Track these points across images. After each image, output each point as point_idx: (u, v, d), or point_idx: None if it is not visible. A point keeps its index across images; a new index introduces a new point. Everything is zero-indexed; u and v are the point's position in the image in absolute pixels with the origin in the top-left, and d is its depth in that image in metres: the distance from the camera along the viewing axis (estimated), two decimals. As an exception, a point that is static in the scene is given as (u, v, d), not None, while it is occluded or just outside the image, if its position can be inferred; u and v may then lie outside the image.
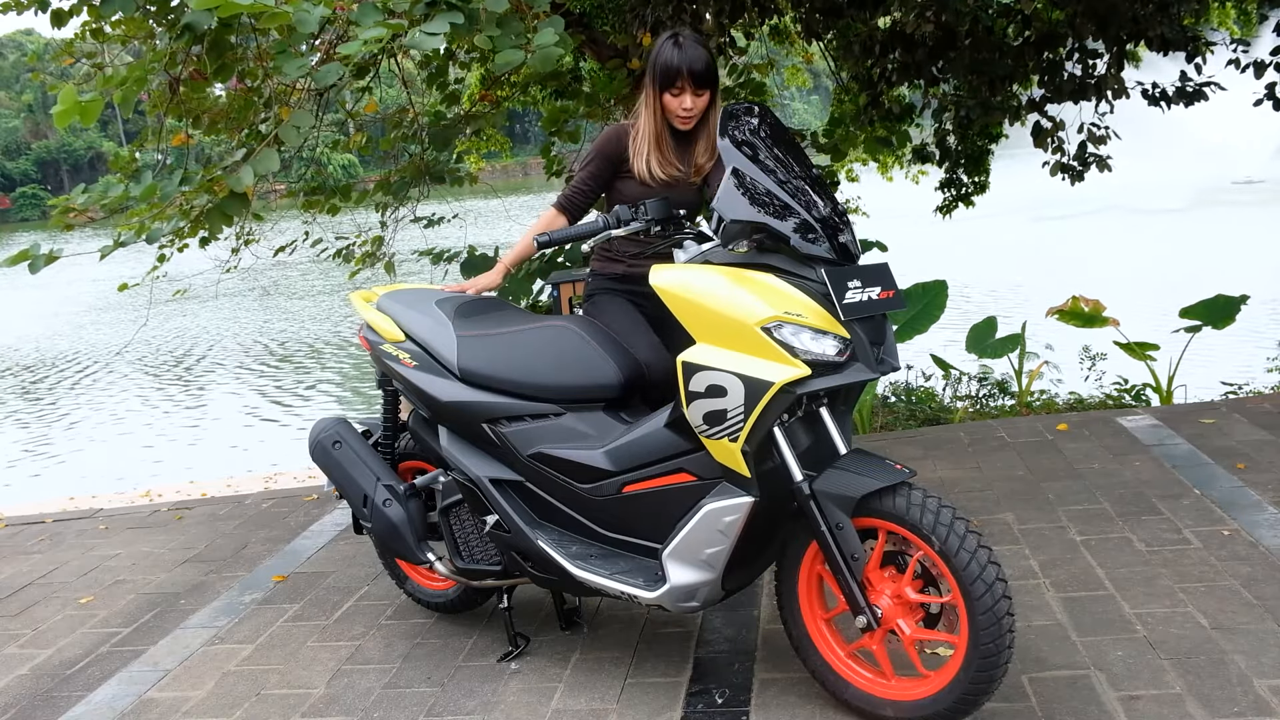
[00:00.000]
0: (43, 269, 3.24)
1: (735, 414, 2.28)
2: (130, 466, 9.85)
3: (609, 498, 2.62)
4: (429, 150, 5.74)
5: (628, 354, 2.80)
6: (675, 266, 2.46)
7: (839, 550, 2.31)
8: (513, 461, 2.77)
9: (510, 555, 2.80)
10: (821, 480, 2.31)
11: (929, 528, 2.21)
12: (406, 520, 2.99)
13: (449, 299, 3.02)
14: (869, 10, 5.96)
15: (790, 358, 2.23)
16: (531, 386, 2.75)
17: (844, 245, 2.35)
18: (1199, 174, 24.93)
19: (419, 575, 3.34)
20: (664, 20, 5.66)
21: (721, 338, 2.30)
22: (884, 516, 2.28)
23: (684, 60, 2.79)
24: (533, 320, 2.93)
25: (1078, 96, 5.92)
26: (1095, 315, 6.18)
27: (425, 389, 2.87)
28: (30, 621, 3.72)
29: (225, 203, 3.29)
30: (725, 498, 2.38)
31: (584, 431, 2.69)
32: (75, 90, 2.86)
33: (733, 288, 2.31)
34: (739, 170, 2.35)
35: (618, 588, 2.56)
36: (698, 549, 2.43)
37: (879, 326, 2.34)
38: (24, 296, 23.72)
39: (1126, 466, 4.07)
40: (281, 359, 14.88)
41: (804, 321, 2.24)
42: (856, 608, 2.34)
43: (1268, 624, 2.74)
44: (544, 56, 3.06)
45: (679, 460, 2.49)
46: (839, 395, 2.46)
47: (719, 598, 2.54)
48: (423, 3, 3.00)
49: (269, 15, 2.78)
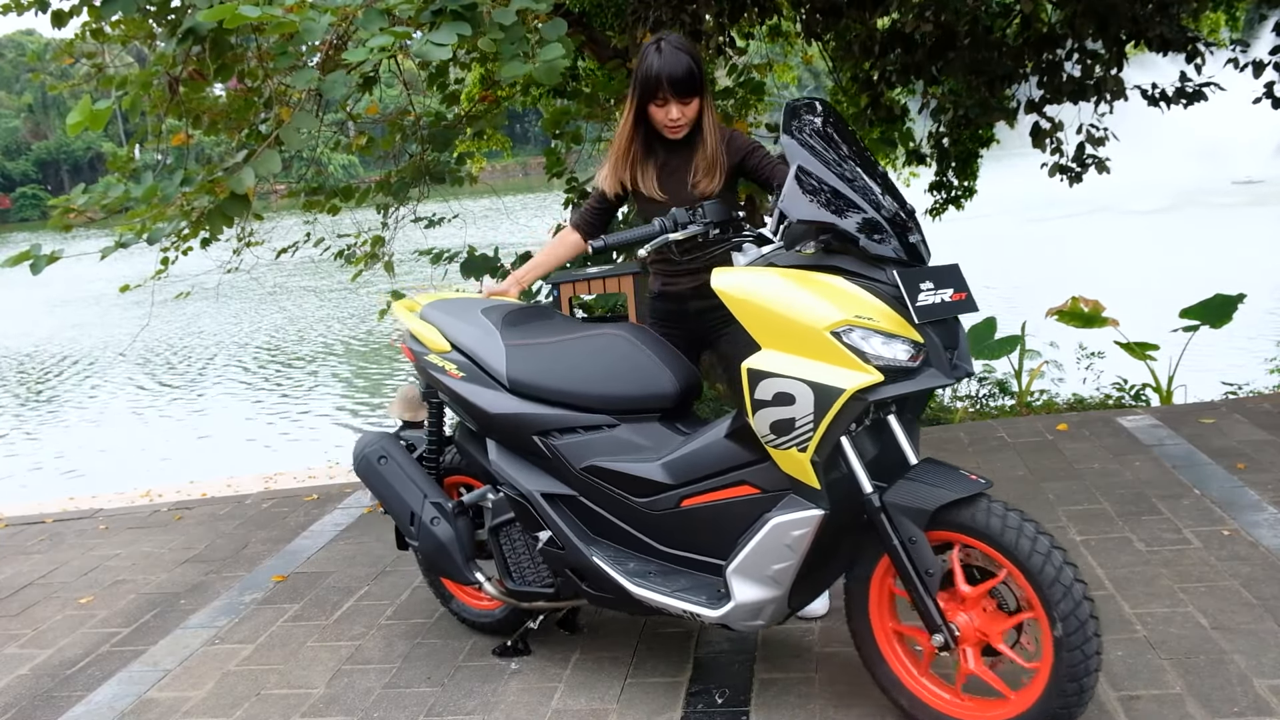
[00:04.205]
0: (44, 269, 3.23)
1: (804, 423, 2.18)
2: (130, 466, 9.85)
3: (667, 512, 2.52)
4: (429, 151, 5.74)
5: (684, 362, 2.72)
6: (738, 269, 2.34)
7: (912, 566, 2.20)
8: (565, 475, 2.68)
9: (564, 574, 2.70)
10: (893, 492, 2.21)
11: (1009, 541, 2.11)
12: (455, 539, 2.88)
13: (495, 307, 2.94)
14: (868, 10, 5.95)
15: (861, 363, 2.12)
16: (584, 397, 2.65)
17: (914, 246, 2.25)
18: (1199, 174, 24.92)
19: (464, 594, 3.24)
20: (664, 20, 5.66)
21: (789, 343, 2.20)
22: (960, 530, 2.17)
23: (663, 68, 2.69)
24: (583, 328, 2.82)
25: (1077, 97, 5.92)
26: (1095, 315, 6.19)
27: (473, 401, 2.77)
28: (30, 621, 3.72)
29: (226, 204, 3.28)
30: (793, 511, 2.27)
31: (639, 443, 2.60)
32: (90, 100, 2.86)
33: (800, 291, 2.20)
34: (804, 168, 2.25)
35: (679, 606, 2.46)
36: (764, 565, 2.32)
37: (952, 330, 2.25)
38: (25, 296, 23.71)
39: (1126, 466, 4.07)
40: (282, 359, 14.87)
41: (875, 325, 2.13)
42: (932, 625, 2.23)
43: (1268, 624, 2.75)
44: (548, 69, 3.04)
45: (741, 472, 2.39)
46: (906, 403, 2.36)
47: (785, 615, 2.43)
48: (428, 10, 3.00)
49: (275, 24, 2.78)
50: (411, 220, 6.20)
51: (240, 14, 2.65)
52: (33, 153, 70.57)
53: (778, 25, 8.69)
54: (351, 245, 6.26)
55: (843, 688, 2.65)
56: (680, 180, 2.90)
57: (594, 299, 5.56)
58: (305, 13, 2.82)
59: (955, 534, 2.19)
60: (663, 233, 2.48)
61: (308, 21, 2.81)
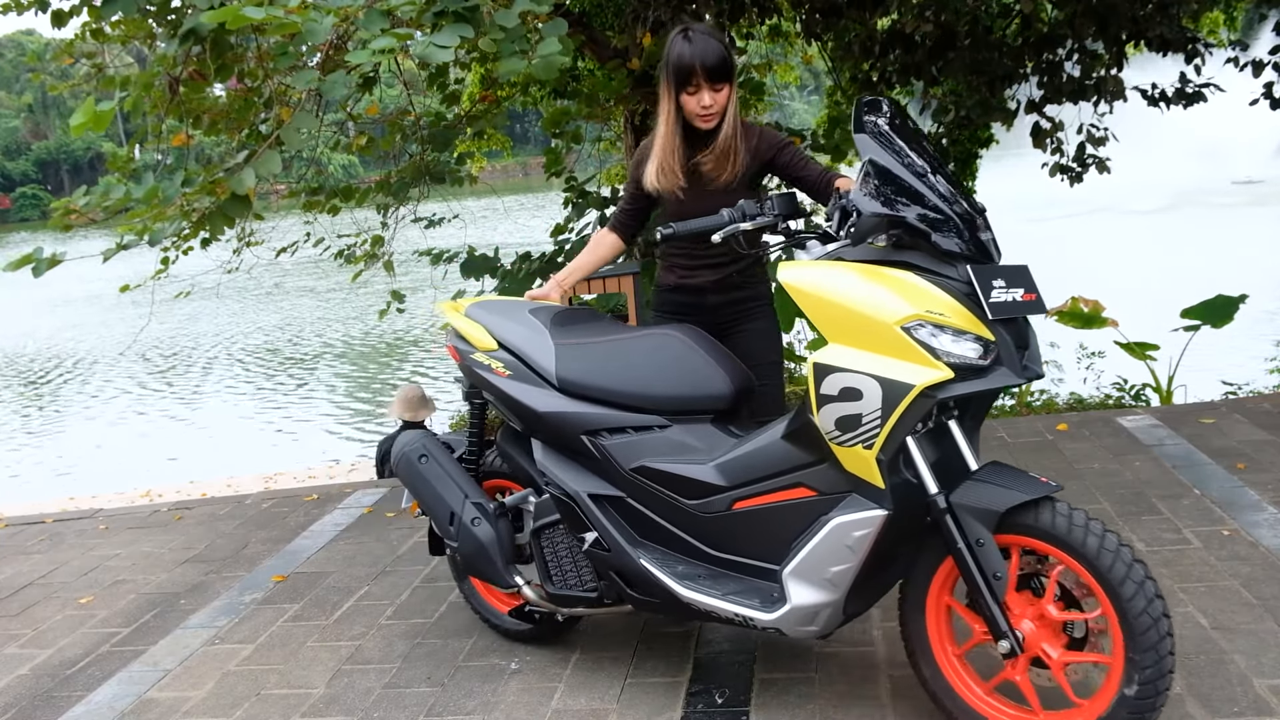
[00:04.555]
0: (46, 272, 3.23)
1: (871, 419, 2.13)
2: (130, 466, 9.85)
3: (718, 515, 2.47)
4: (429, 151, 5.74)
5: (738, 364, 2.67)
6: (805, 263, 2.30)
7: (979, 569, 2.14)
8: (613, 476, 2.62)
9: (609, 577, 2.65)
10: (960, 492, 2.16)
11: (1079, 542, 2.07)
12: (496, 540, 2.83)
13: (542, 308, 2.91)
14: (868, 10, 5.96)
15: (932, 359, 2.08)
16: (636, 396, 2.61)
17: (984, 244, 2.21)
18: (1199, 174, 24.92)
19: (499, 602, 3.18)
20: (663, 20, 5.66)
21: (857, 338, 2.15)
22: (1029, 532, 2.12)
23: (695, 54, 2.67)
24: (634, 330, 2.79)
25: (1077, 97, 5.93)
26: (1095, 316, 6.18)
27: (520, 399, 2.72)
28: (30, 621, 3.72)
29: (227, 205, 3.28)
30: (855, 511, 2.21)
31: (691, 445, 2.55)
32: (94, 102, 2.86)
33: (869, 285, 2.15)
34: (875, 162, 2.21)
35: (731, 609, 2.41)
36: (823, 567, 2.27)
37: (1022, 330, 2.20)
38: (26, 296, 23.71)
39: (1126, 466, 4.07)
40: (282, 358, 14.87)
41: (946, 321, 2.09)
42: (999, 632, 2.16)
43: (1268, 624, 2.75)
44: (546, 65, 3.04)
45: (798, 474, 2.34)
46: (968, 408, 2.32)
47: (839, 623, 2.38)
48: (430, 11, 2.99)
49: (277, 25, 2.77)
50: (411, 220, 6.21)
51: (243, 15, 2.65)
52: (33, 153, 70.56)
53: (778, 25, 8.70)
54: (351, 245, 6.26)
55: (843, 688, 2.65)
56: (697, 174, 2.85)
57: (594, 299, 5.56)
58: (307, 14, 2.82)
59: (1022, 537, 2.15)
60: (732, 222, 2.45)
61: (310, 23, 2.80)
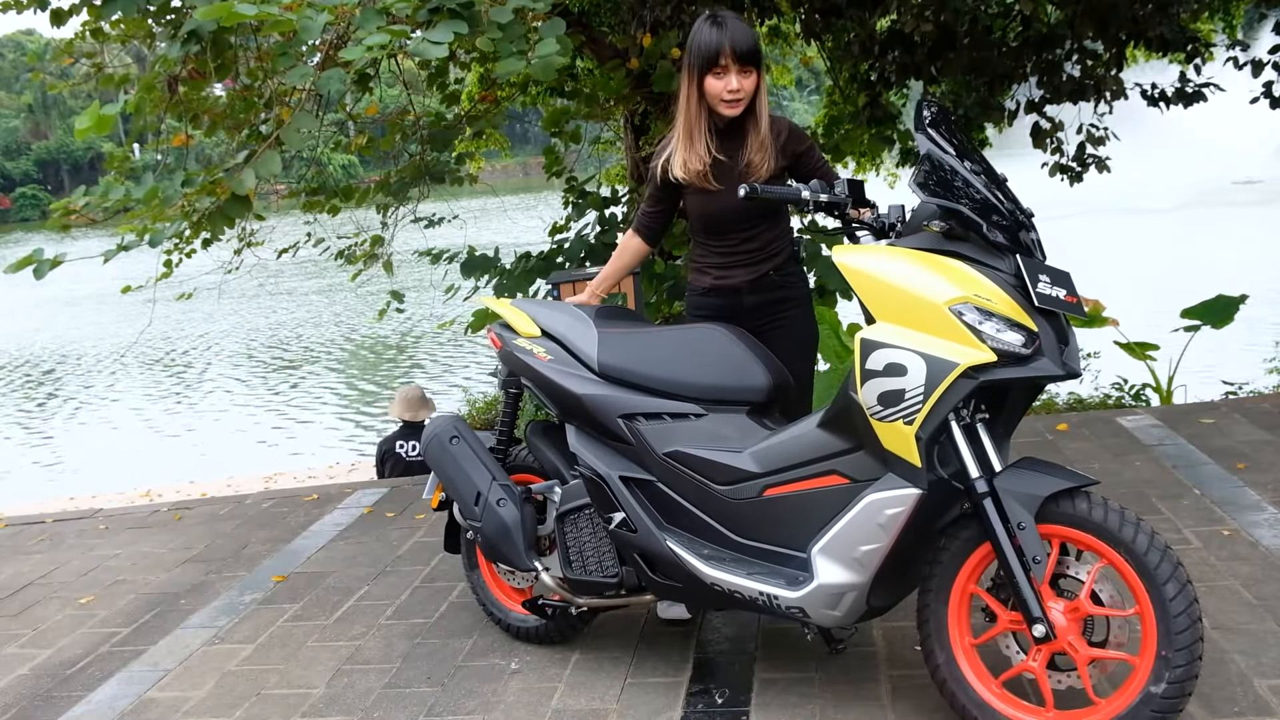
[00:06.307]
0: (47, 274, 3.24)
1: (914, 395, 2.18)
2: (130, 466, 9.85)
3: (748, 500, 2.51)
4: (429, 151, 5.75)
5: (776, 361, 2.71)
6: (859, 247, 2.41)
7: (1018, 552, 2.16)
8: (646, 460, 2.67)
9: (632, 560, 2.68)
10: (1004, 477, 2.20)
11: (1129, 538, 2.10)
12: (520, 522, 2.86)
13: (587, 306, 2.98)
14: (868, 11, 5.96)
15: (977, 341, 2.14)
16: (675, 384, 2.67)
17: (1030, 244, 2.29)
18: (1199, 174, 24.93)
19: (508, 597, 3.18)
20: (663, 20, 5.66)
21: (905, 317, 2.22)
22: (1072, 523, 2.15)
23: (726, 36, 2.67)
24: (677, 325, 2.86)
25: (1076, 97, 5.93)
26: (1095, 315, 6.19)
27: (559, 382, 2.77)
28: (30, 621, 3.72)
29: (228, 205, 3.28)
30: (890, 489, 2.24)
31: (726, 434, 2.60)
32: (98, 105, 2.87)
33: (920, 268, 2.24)
34: (932, 155, 2.31)
35: (756, 587, 2.44)
36: (853, 545, 2.30)
37: (1063, 328, 2.25)
38: (28, 296, 23.72)
39: (1126, 466, 4.07)
40: (283, 358, 14.88)
41: (992, 307, 2.16)
42: (1033, 617, 2.16)
43: (1268, 624, 2.75)
44: (544, 65, 3.05)
45: (831, 461, 2.38)
46: (1000, 413, 2.35)
47: (860, 613, 2.39)
48: (425, 8, 3.00)
49: (273, 23, 2.78)
50: (411, 220, 6.21)
51: (237, 12, 2.65)
52: (33, 153, 70.53)
53: (777, 26, 8.71)
54: (351, 245, 6.27)
55: (843, 688, 2.65)
56: (727, 167, 2.83)
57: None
58: (302, 11, 2.83)
59: (1065, 528, 2.17)
60: (814, 194, 2.51)
61: (305, 20, 2.81)
